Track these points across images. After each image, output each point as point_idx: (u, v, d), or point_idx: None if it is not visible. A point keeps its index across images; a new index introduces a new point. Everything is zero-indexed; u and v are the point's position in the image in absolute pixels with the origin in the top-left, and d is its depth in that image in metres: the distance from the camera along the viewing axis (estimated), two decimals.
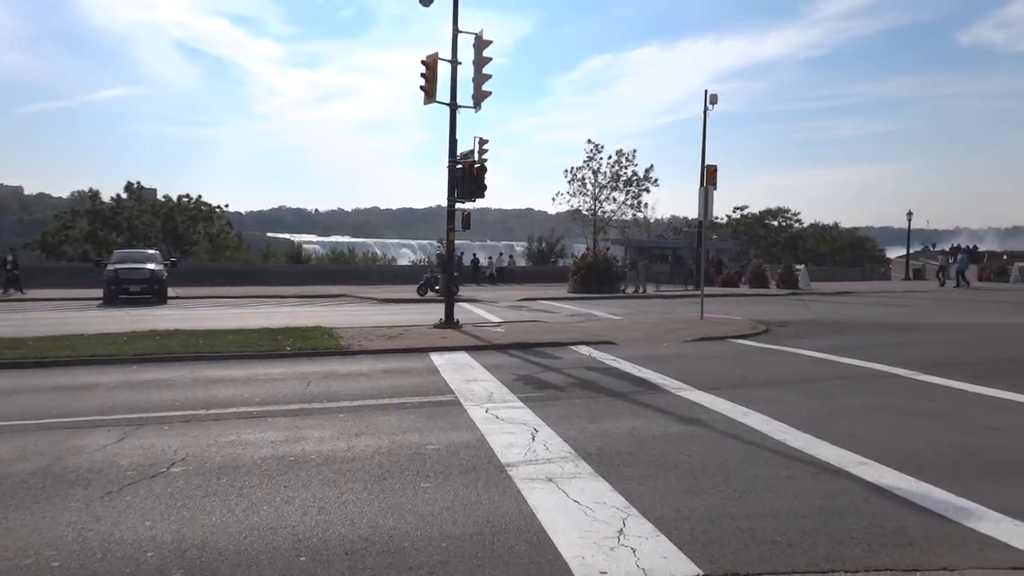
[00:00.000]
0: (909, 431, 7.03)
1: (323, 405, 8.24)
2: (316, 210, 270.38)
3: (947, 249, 47.10)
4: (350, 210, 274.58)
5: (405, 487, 5.31)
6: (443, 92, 16.52)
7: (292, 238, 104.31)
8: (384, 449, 6.33)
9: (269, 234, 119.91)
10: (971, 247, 61.36)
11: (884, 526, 4.54)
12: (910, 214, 50.89)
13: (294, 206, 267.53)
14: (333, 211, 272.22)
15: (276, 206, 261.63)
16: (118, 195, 48.97)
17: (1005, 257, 53.24)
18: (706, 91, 29.70)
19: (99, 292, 25.36)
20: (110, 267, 25.50)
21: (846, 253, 72.47)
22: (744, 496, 5.09)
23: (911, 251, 54.55)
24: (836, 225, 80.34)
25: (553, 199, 48.93)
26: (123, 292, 24.87)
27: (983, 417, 7.56)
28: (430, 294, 28.00)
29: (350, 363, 11.34)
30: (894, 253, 70.18)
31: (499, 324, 17.10)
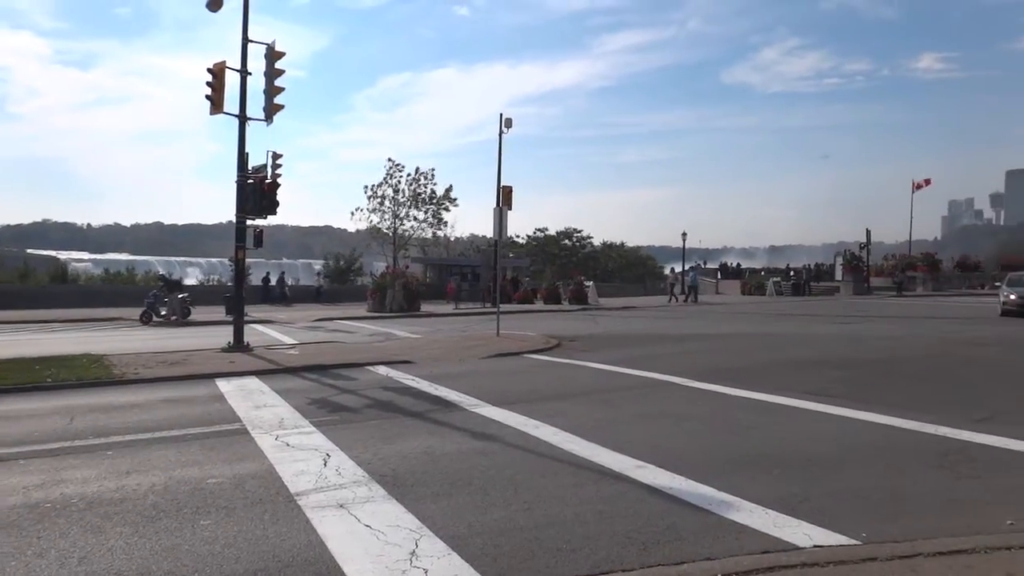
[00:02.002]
0: (682, 434, 7.66)
1: (89, 442, 7.45)
2: (88, 225, 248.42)
3: (683, 268, 51.49)
4: (128, 225, 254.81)
5: (183, 526, 4.92)
6: (233, 103, 15.75)
7: (58, 255, 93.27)
8: (159, 486, 5.84)
9: (30, 250, 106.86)
10: (736, 264, 68.28)
11: (657, 524, 4.89)
12: (684, 234, 55.67)
13: (61, 220, 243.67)
14: (108, 226, 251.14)
15: (39, 220, 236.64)
16: None
17: (763, 273, 59.81)
18: (501, 114, 30.21)
19: None
20: None
21: (632, 270, 78.08)
22: (533, 507, 5.26)
23: (686, 268, 59.66)
24: (623, 244, 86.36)
25: (352, 215, 48.14)
26: None
27: (743, 417, 8.42)
28: (156, 320, 24.05)
29: (123, 394, 10.38)
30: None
31: (293, 346, 16.47)
